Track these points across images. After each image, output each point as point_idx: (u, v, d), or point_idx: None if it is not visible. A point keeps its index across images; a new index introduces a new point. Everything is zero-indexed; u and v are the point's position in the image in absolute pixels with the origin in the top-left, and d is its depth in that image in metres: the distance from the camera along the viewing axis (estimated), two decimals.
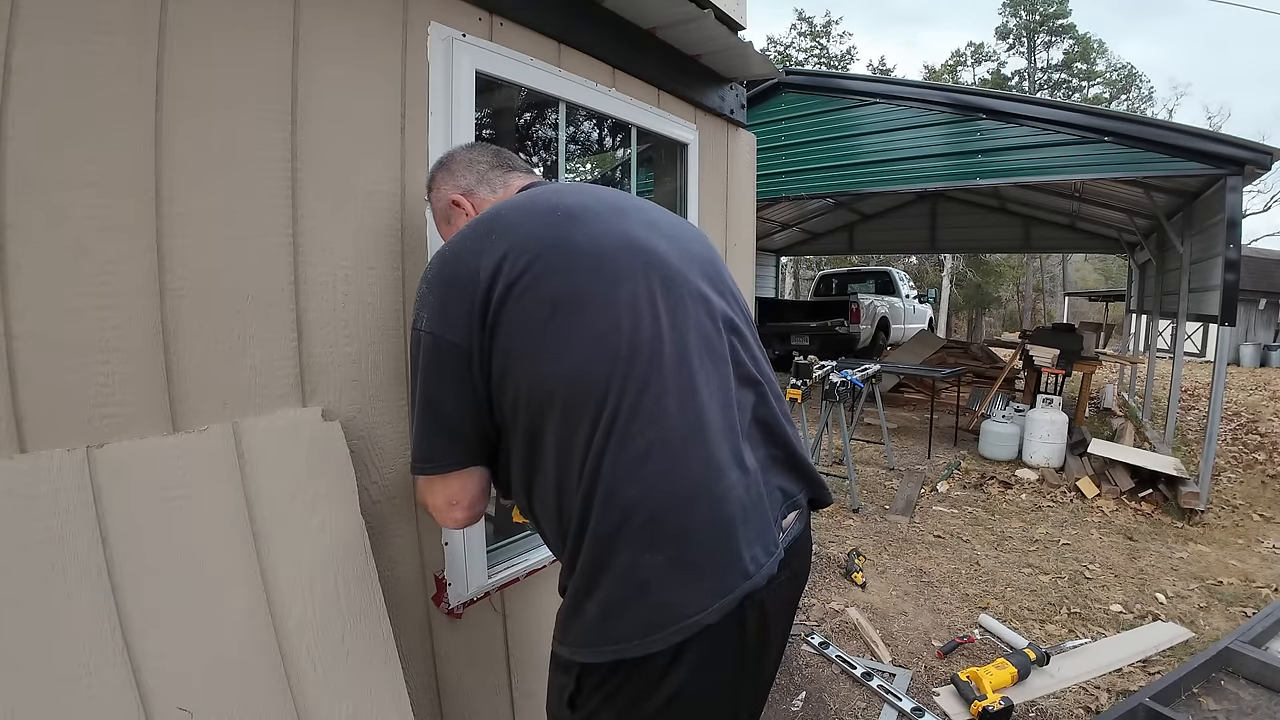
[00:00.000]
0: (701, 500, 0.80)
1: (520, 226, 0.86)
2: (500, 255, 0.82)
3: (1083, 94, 29.61)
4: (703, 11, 1.65)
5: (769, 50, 30.98)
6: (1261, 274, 13.78)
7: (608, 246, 0.85)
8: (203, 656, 0.88)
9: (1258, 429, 6.59)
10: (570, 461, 0.80)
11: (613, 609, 0.79)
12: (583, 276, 0.83)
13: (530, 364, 0.81)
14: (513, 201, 0.93)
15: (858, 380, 4.67)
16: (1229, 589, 3.21)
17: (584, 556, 0.80)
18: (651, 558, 0.78)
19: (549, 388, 0.80)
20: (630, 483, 0.78)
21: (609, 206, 0.92)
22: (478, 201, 1.05)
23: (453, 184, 1.06)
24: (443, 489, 0.90)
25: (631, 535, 0.78)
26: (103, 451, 0.84)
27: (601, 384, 0.79)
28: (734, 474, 0.83)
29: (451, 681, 1.33)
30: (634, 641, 0.77)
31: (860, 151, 5.64)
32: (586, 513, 0.79)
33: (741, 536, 0.81)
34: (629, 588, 0.78)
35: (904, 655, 2.60)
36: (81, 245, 0.83)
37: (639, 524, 0.78)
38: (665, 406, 0.80)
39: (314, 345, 1.08)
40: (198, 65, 0.92)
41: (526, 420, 0.83)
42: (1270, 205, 23.54)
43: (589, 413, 0.79)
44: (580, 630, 0.81)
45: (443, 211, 1.08)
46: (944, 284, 22.72)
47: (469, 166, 1.07)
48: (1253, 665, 2.20)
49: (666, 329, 0.83)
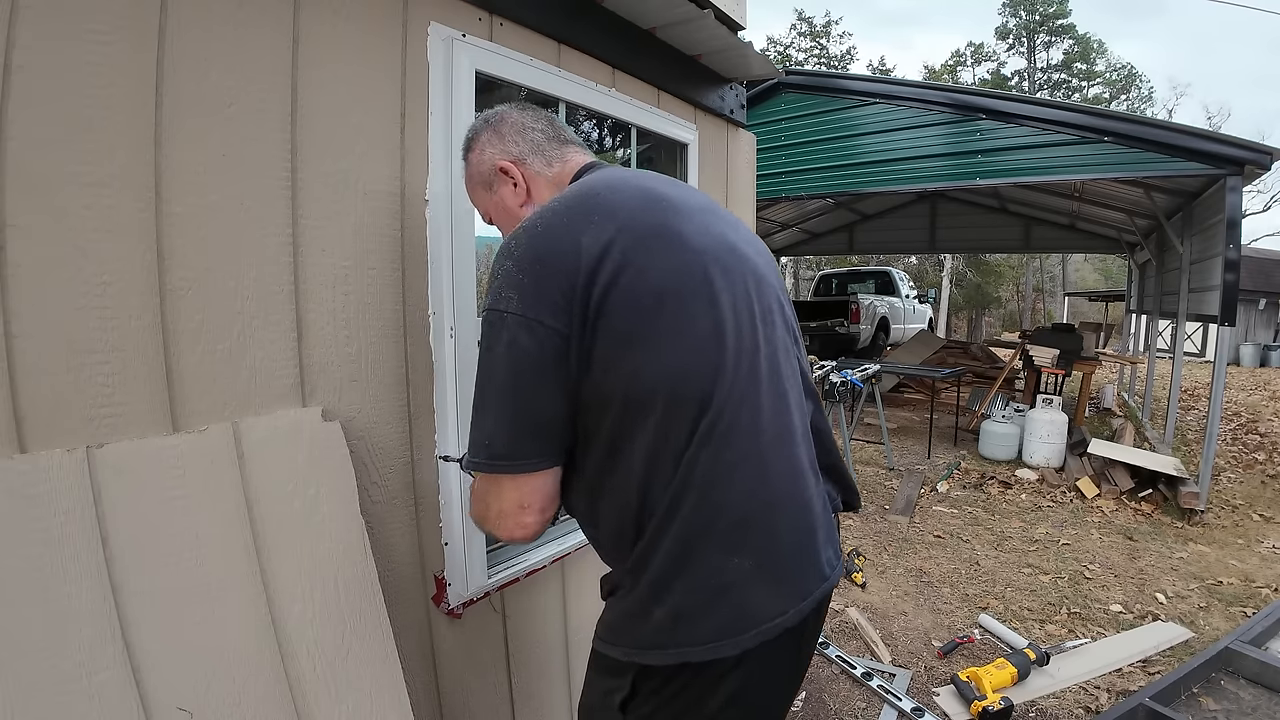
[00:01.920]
0: (789, 506, 0.82)
1: (624, 210, 0.80)
2: (607, 238, 0.76)
3: (1083, 94, 29.62)
4: (703, 11, 1.65)
5: (769, 50, 30.98)
6: (1261, 274, 13.79)
7: (709, 245, 0.82)
8: (203, 656, 0.88)
9: (1258, 429, 6.59)
10: (661, 461, 0.77)
11: (689, 611, 0.77)
12: (689, 274, 0.79)
13: (635, 356, 0.76)
14: (604, 181, 0.85)
15: (858, 380, 4.67)
16: (1229, 589, 3.21)
17: (660, 559, 0.77)
18: (740, 561, 0.78)
19: (652, 384, 0.76)
20: (725, 487, 0.78)
21: (700, 202, 0.88)
22: (529, 173, 0.98)
23: (501, 148, 0.98)
24: (514, 491, 0.79)
25: (720, 538, 0.78)
26: (103, 451, 0.84)
27: (706, 384, 0.78)
28: (812, 481, 0.87)
29: (451, 681, 1.33)
30: (708, 644, 0.77)
31: (860, 151, 5.64)
32: (673, 514, 0.77)
33: (820, 540, 0.85)
34: (710, 591, 0.77)
35: (904, 655, 2.60)
36: (81, 245, 0.83)
37: (728, 527, 0.78)
38: (761, 413, 0.81)
39: (314, 345, 1.08)
40: (198, 65, 0.92)
41: (618, 413, 0.78)
42: (1270, 205, 23.56)
43: (690, 412, 0.77)
44: (644, 632, 0.79)
45: (483, 175, 1.00)
46: (944, 284, 22.72)
47: (521, 132, 0.99)
48: (1253, 665, 2.20)
49: (762, 335, 0.84)
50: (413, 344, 1.24)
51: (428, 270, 1.25)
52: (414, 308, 1.24)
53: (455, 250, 1.26)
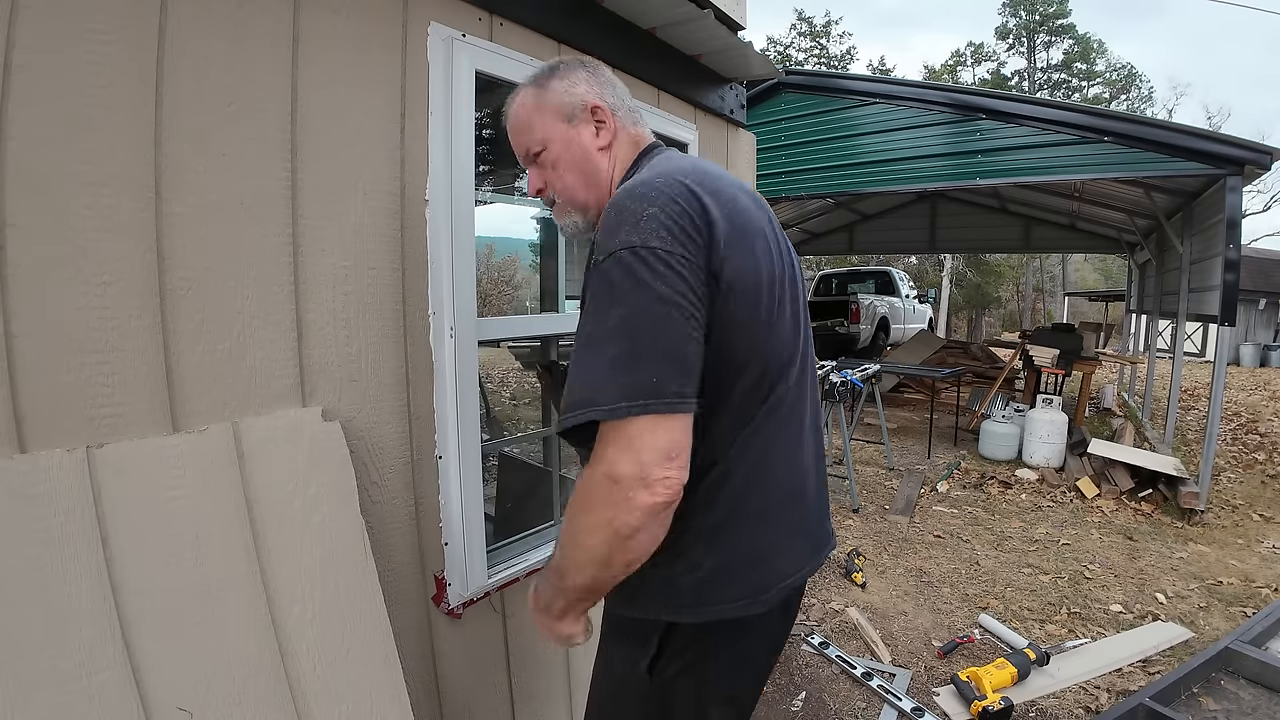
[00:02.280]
0: (811, 481, 0.95)
1: (737, 202, 0.84)
2: (725, 213, 0.80)
3: (1083, 94, 29.61)
4: (703, 11, 1.65)
5: (769, 50, 30.98)
6: (1261, 274, 13.79)
7: (782, 246, 0.91)
8: (203, 656, 0.88)
9: (1258, 429, 6.59)
10: (729, 434, 0.83)
11: (725, 572, 0.84)
12: (780, 267, 0.87)
13: (737, 332, 0.80)
14: (703, 166, 0.89)
15: (857, 380, 4.67)
16: (1229, 589, 3.21)
17: (708, 524, 0.83)
18: (774, 530, 0.88)
19: (745, 359, 0.82)
20: (775, 463, 0.87)
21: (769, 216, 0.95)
22: (618, 124, 0.98)
23: (597, 90, 0.98)
24: (666, 435, 0.70)
25: (763, 509, 0.86)
26: (103, 451, 0.84)
27: (781, 369, 0.86)
28: (824, 464, 1.01)
29: (451, 681, 1.33)
30: (738, 602, 0.84)
31: (860, 151, 5.64)
32: (726, 484, 0.83)
33: (828, 512, 1.00)
34: (747, 555, 0.85)
35: (904, 655, 2.60)
36: (81, 245, 0.83)
37: (773, 500, 0.87)
38: (805, 399, 0.93)
39: (314, 345, 1.08)
40: (198, 65, 0.92)
41: (717, 385, 0.80)
42: (1270, 205, 23.56)
43: (762, 392, 0.84)
44: (678, 592, 0.84)
45: (566, 107, 0.96)
46: (944, 284, 22.71)
47: (613, 85, 1.00)
48: (1253, 665, 2.20)
49: (805, 336, 0.94)
50: (413, 344, 1.24)
51: (428, 270, 1.25)
52: (414, 308, 1.24)
53: (455, 250, 1.26)
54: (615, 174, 0.97)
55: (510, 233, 12.20)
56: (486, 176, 2.90)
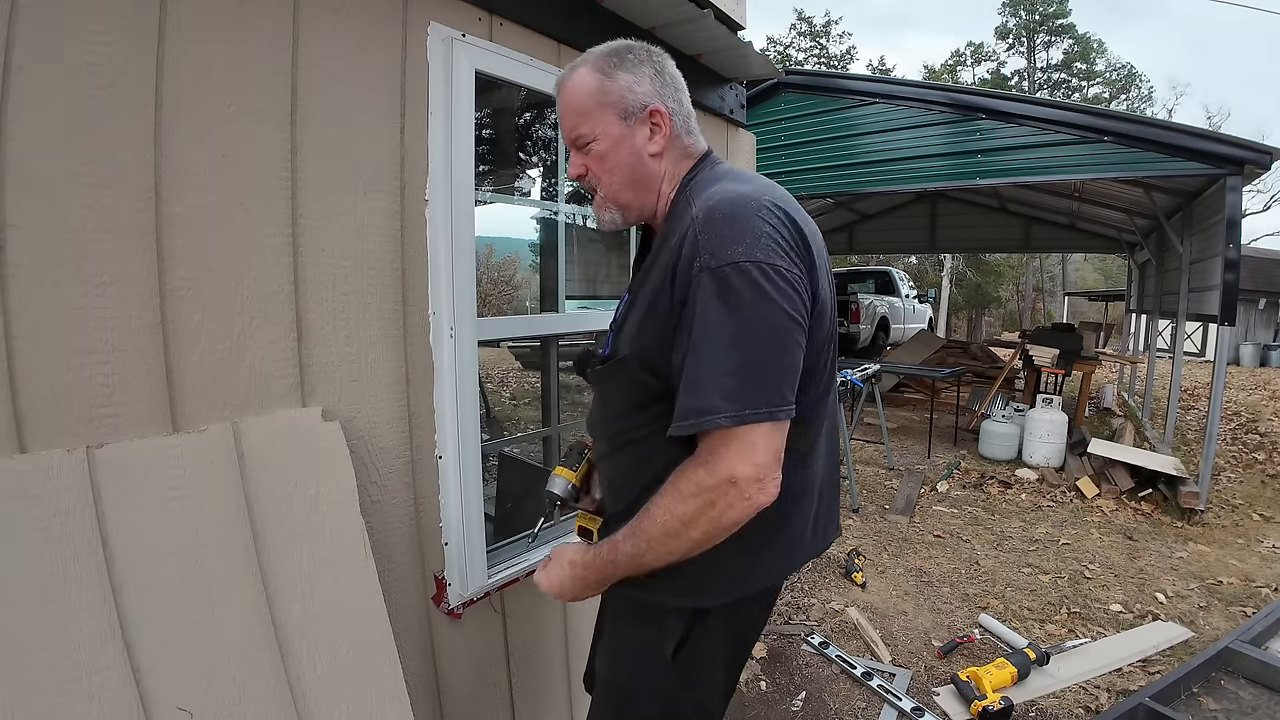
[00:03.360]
0: (831, 480, 1.08)
1: (809, 226, 0.90)
2: (814, 239, 0.89)
3: (1082, 94, 29.60)
4: (703, 11, 1.65)
5: (769, 50, 30.97)
6: (1261, 274, 13.78)
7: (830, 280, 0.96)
8: (203, 656, 0.88)
9: (1257, 429, 6.59)
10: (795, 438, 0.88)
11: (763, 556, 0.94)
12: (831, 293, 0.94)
13: (816, 348, 0.89)
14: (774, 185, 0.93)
15: (858, 380, 4.67)
16: (1229, 589, 3.21)
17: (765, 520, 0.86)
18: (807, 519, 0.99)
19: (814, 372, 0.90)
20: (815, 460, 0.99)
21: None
22: (673, 132, 0.96)
23: (661, 92, 0.95)
24: (779, 440, 0.81)
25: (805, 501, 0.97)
26: (103, 451, 0.84)
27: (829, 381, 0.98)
28: (836, 459, 1.11)
29: (451, 681, 1.33)
30: (764, 575, 0.97)
31: (860, 151, 5.64)
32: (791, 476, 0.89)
33: (837, 501, 1.13)
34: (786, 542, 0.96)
35: (904, 655, 2.60)
36: (81, 245, 0.83)
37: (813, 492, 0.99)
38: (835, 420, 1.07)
39: (314, 345, 1.08)
40: (197, 65, 0.92)
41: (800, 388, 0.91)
42: (1270, 205, 23.55)
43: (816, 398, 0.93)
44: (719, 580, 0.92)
45: (626, 104, 0.93)
46: (944, 284, 22.70)
47: (679, 91, 0.98)
48: (1253, 665, 2.20)
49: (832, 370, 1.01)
50: (413, 344, 1.24)
51: (428, 270, 1.25)
52: (414, 308, 1.24)
53: (455, 250, 1.26)
54: (665, 183, 0.97)
55: (510, 233, 12.21)
56: (486, 176, 2.90)
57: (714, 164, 0.98)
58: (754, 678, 2.39)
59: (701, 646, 0.96)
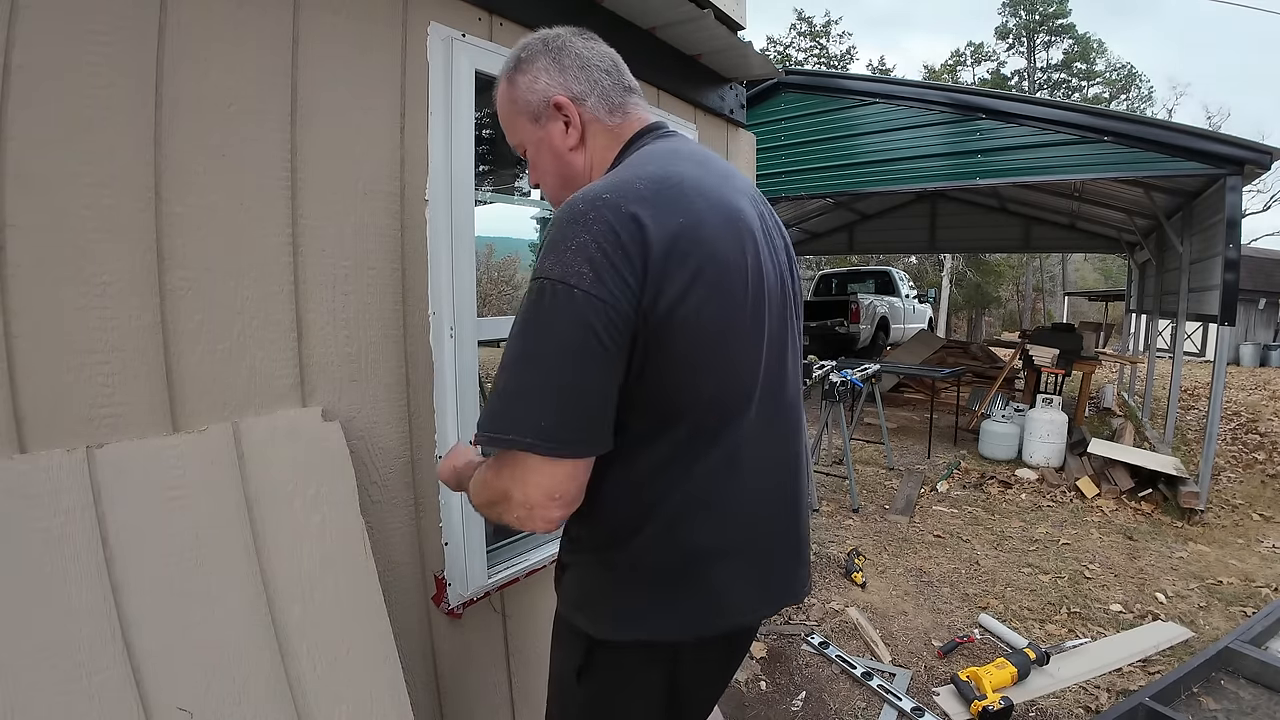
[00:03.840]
0: (786, 532, 0.89)
1: (710, 229, 0.75)
2: (691, 257, 0.73)
3: (1083, 94, 29.61)
4: (703, 11, 1.65)
5: (769, 50, 30.97)
6: (1261, 274, 13.78)
7: (770, 281, 0.83)
8: (203, 656, 0.88)
9: (1257, 429, 6.59)
10: (678, 468, 0.79)
11: (668, 608, 0.81)
12: (749, 311, 0.79)
13: (679, 376, 0.75)
14: (693, 179, 0.78)
15: (857, 380, 4.67)
16: (1229, 588, 3.21)
17: (652, 554, 0.80)
18: (736, 578, 0.83)
19: (690, 402, 0.77)
20: (729, 501, 0.82)
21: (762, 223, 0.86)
22: (587, 115, 0.88)
23: (559, 80, 0.88)
24: (549, 478, 0.71)
25: (718, 549, 0.82)
26: (103, 451, 0.84)
27: (735, 411, 0.80)
28: (802, 508, 0.93)
29: (451, 681, 1.33)
30: (685, 632, 0.82)
31: (860, 151, 5.64)
32: (676, 519, 0.80)
33: (798, 561, 0.92)
34: (699, 597, 0.81)
35: (904, 655, 2.60)
36: (81, 245, 0.83)
37: (725, 541, 0.82)
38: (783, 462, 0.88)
39: (314, 345, 1.08)
40: (197, 65, 0.92)
41: (651, 417, 0.77)
42: (1270, 205, 23.55)
43: (712, 433, 0.79)
44: (614, 609, 0.83)
45: (530, 106, 0.89)
46: (944, 284, 22.70)
47: (585, 68, 0.88)
48: (1253, 665, 2.20)
49: (789, 369, 0.88)
50: (413, 344, 1.24)
51: (428, 270, 1.25)
52: (414, 308, 1.24)
53: (455, 250, 1.26)
54: (595, 172, 0.89)
55: (510, 233, 12.20)
56: (486, 176, 2.90)
57: (637, 147, 0.88)
58: (754, 678, 2.39)
59: (606, 681, 0.86)
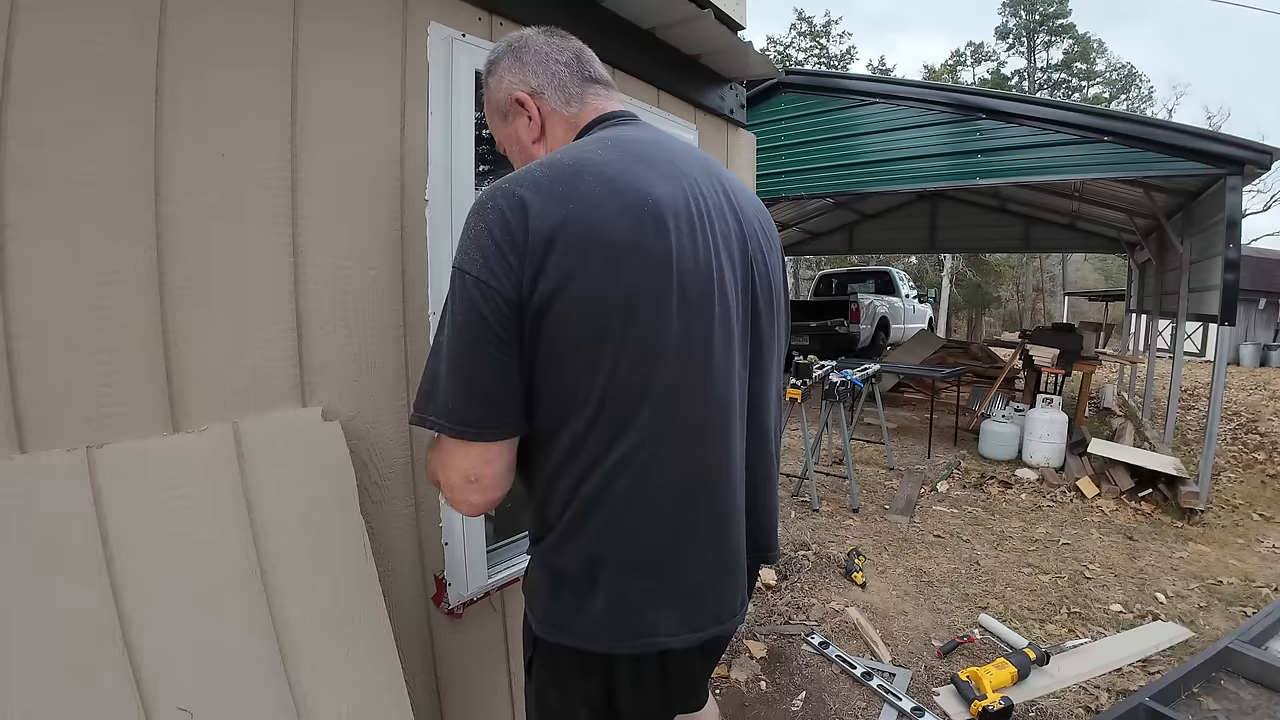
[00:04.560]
0: (704, 542, 0.82)
1: (600, 212, 0.72)
2: (573, 238, 0.71)
3: (1083, 94, 29.62)
4: (702, 11, 1.65)
5: (769, 50, 30.97)
6: (1261, 274, 13.78)
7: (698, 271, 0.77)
8: (203, 656, 0.88)
9: (1258, 429, 6.59)
10: (579, 465, 0.76)
11: (581, 604, 0.79)
12: (656, 304, 0.74)
13: (566, 363, 0.73)
14: (601, 162, 0.76)
15: (858, 380, 4.67)
16: (1229, 589, 3.21)
17: (566, 555, 0.79)
18: (639, 582, 0.78)
19: (584, 397, 0.74)
20: (639, 513, 0.77)
21: (697, 209, 0.79)
22: (545, 109, 0.91)
23: (520, 77, 0.91)
24: (464, 460, 0.76)
25: (626, 558, 0.78)
26: (103, 451, 0.84)
27: (627, 412, 0.75)
28: (735, 526, 0.85)
29: (451, 681, 1.33)
30: (588, 638, 0.80)
31: (860, 151, 5.64)
32: (583, 520, 0.77)
33: (730, 588, 0.85)
34: (606, 610, 0.78)
35: (904, 655, 2.60)
36: (81, 245, 0.83)
37: (637, 551, 0.78)
38: (693, 446, 0.79)
39: (314, 345, 1.08)
40: (197, 65, 0.92)
41: (546, 408, 0.77)
42: (1270, 205, 23.55)
43: (602, 434, 0.75)
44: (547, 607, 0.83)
45: (499, 105, 0.93)
46: (944, 284, 22.70)
47: (543, 62, 0.91)
48: (1253, 665, 2.19)
49: (702, 371, 0.78)
50: (413, 344, 1.24)
51: (428, 270, 1.25)
52: (414, 308, 1.24)
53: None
54: None
55: None
56: (486, 176, 2.90)
57: (586, 134, 0.88)
58: (754, 678, 2.38)
59: (545, 680, 0.87)
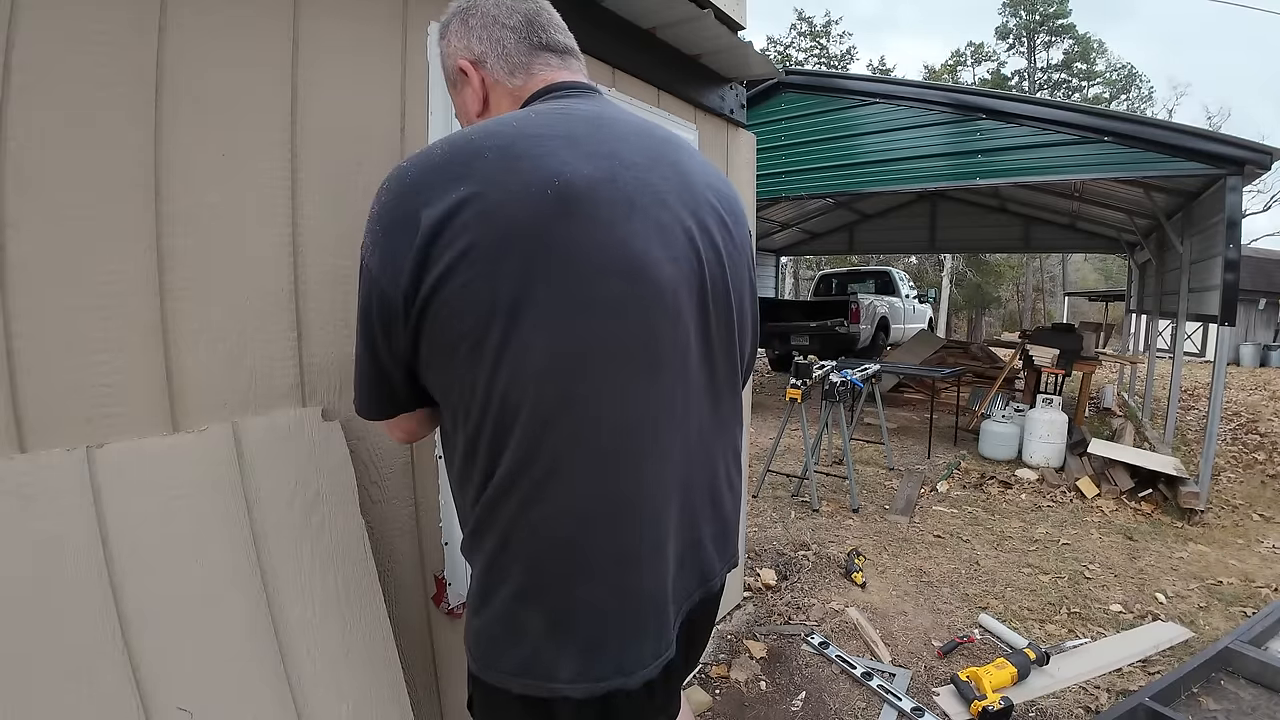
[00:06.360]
0: (605, 584, 0.71)
1: (496, 192, 0.64)
2: (461, 225, 0.64)
3: (1083, 94, 29.63)
4: (703, 11, 1.65)
5: (769, 50, 30.98)
6: (1261, 274, 13.78)
7: (591, 261, 0.67)
8: (203, 656, 0.88)
9: (1258, 429, 6.59)
10: (482, 478, 0.71)
11: (490, 634, 0.73)
12: (576, 298, 0.66)
13: (451, 369, 0.69)
14: (511, 137, 0.68)
15: (858, 380, 4.67)
16: (1229, 589, 3.21)
17: (475, 572, 0.76)
18: (532, 617, 0.71)
19: (465, 396, 0.68)
20: (535, 535, 0.69)
21: (624, 195, 0.69)
22: (489, 78, 0.83)
23: (465, 43, 0.83)
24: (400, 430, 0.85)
25: (517, 586, 0.71)
26: (103, 451, 0.84)
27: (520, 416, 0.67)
28: (652, 567, 0.73)
29: (451, 681, 1.33)
30: (500, 673, 0.73)
31: (860, 151, 5.64)
32: (480, 537, 0.73)
33: (657, 631, 0.75)
34: (503, 628, 0.72)
35: (904, 655, 2.60)
36: (81, 245, 0.83)
37: (528, 580, 0.71)
38: (611, 460, 0.70)
39: (314, 345, 1.08)
40: (197, 66, 0.92)
41: (449, 412, 0.74)
42: (1270, 205, 23.56)
43: (496, 440, 0.68)
44: (474, 643, 0.76)
45: (449, 74, 0.88)
46: (944, 284, 22.71)
47: (488, 27, 0.82)
48: (1253, 665, 2.20)
49: (615, 383, 0.69)
50: None
51: None
52: None
53: None
54: None
55: None
56: None
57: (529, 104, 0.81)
58: (754, 678, 2.38)
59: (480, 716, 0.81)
